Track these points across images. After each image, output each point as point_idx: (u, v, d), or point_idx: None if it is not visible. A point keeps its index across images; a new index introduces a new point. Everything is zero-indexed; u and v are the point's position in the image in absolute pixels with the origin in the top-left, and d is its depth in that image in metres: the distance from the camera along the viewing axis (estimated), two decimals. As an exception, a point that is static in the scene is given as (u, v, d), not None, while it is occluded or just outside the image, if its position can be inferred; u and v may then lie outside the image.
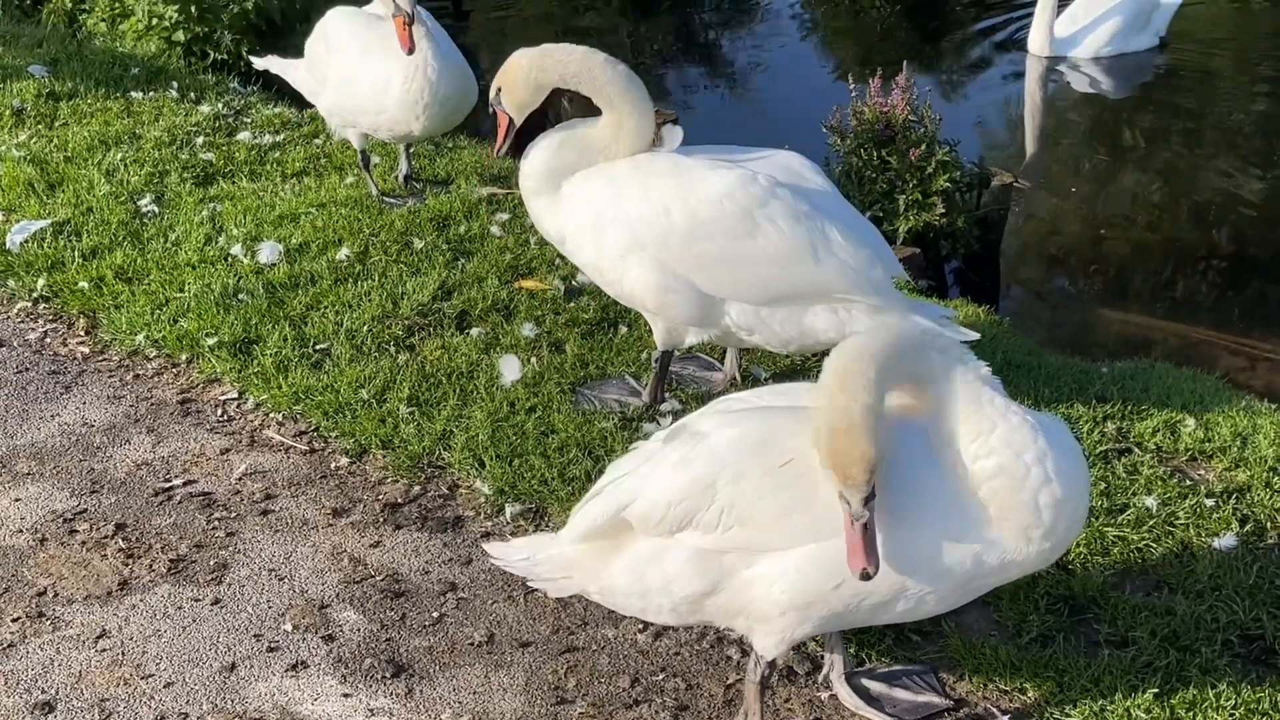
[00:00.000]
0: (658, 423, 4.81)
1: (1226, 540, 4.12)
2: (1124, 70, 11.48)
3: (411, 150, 6.94)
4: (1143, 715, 3.51)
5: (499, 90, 4.77)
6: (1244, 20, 13.18)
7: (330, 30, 6.41)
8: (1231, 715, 3.50)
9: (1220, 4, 13.52)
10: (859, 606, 3.19)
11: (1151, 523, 4.23)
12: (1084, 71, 11.45)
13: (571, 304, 5.62)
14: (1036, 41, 11.47)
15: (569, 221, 4.64)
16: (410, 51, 5.92)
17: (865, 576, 2.94)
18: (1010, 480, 3.06)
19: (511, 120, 4.84)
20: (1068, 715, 3.56)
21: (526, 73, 4.67)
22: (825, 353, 3.13)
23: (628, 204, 4.47)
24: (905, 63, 7.81)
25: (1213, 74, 11.63)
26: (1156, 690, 3.57)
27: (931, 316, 4.46)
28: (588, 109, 4.83)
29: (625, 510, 3.29)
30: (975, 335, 4.38)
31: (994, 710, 3.61)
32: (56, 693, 3.72)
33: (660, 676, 3.75)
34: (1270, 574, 3.99)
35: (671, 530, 3.23)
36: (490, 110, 4.87)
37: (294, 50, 6.98)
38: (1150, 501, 4.31)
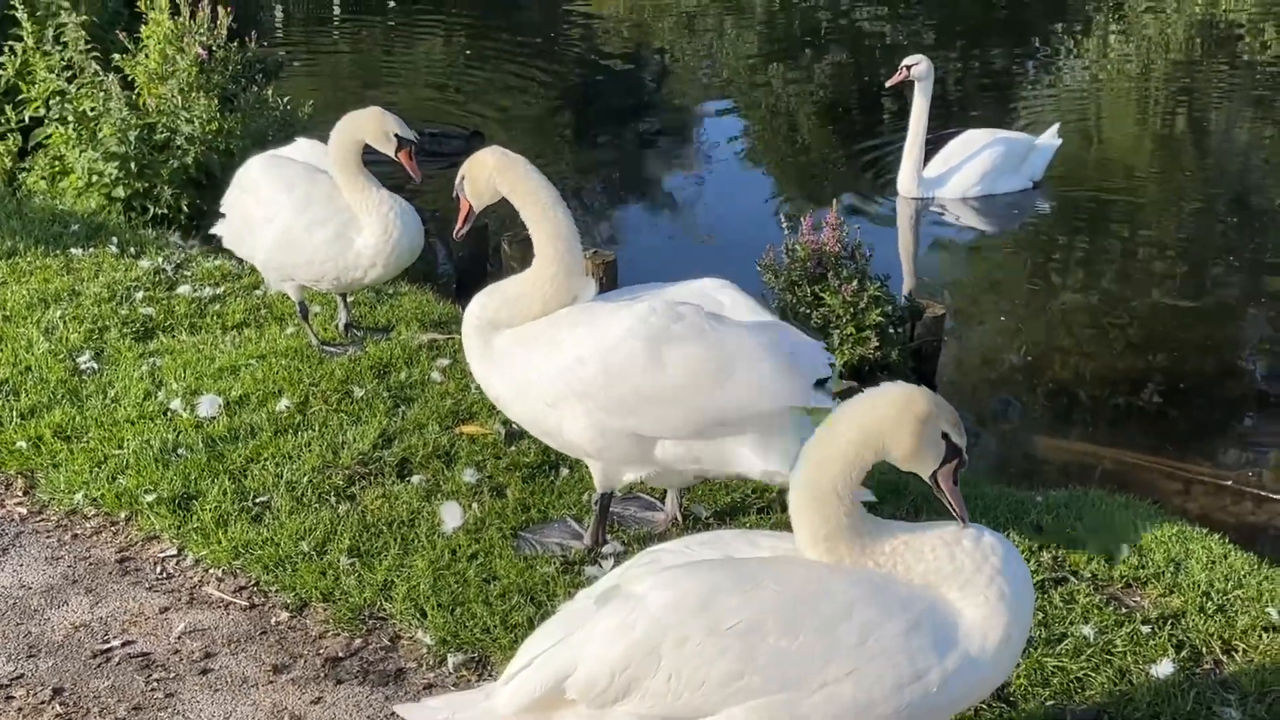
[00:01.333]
0: (600, 565, 4.83)
1: (1163, 667, 4.18)
2: (994, 209, 11.82)
3: (350, 299, 7.01)
4: None
5: (463, 178, 4.96)
6: (1121, 163, 13.64)
7: (258, 184, 6.48)
8: (1174, 844, 3.53)
9: (1100, 147, 14.02)
10: None
11: (1089, 651, 4.28)
12: (952, 211, 11.77)
13: (512, 448, 5.66)
14: (904, 183, 11.78)
15: (501, 380, 4.74)
16: (419, 179, 6.39)
17: None
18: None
19: (471, 208, 5.03)
20: None
21: (489, 172, 4.86)
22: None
23: (548, 360, 4.59)
24: (834, 201, 8.03)
25: (1087, 211, 12.02)
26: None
27: None
28: (525, 253, 4.97)
29: (565, 681, 3.16)
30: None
31: None
32: None
33: (606, 826, 3.72)
34: (1207, 700, 4.04)
35: (615, 699, 3.14)
36: (454, 195, 5.05)
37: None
38: (1087, 630, 4.37)
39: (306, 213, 6.31)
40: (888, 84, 12.11)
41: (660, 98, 17.04)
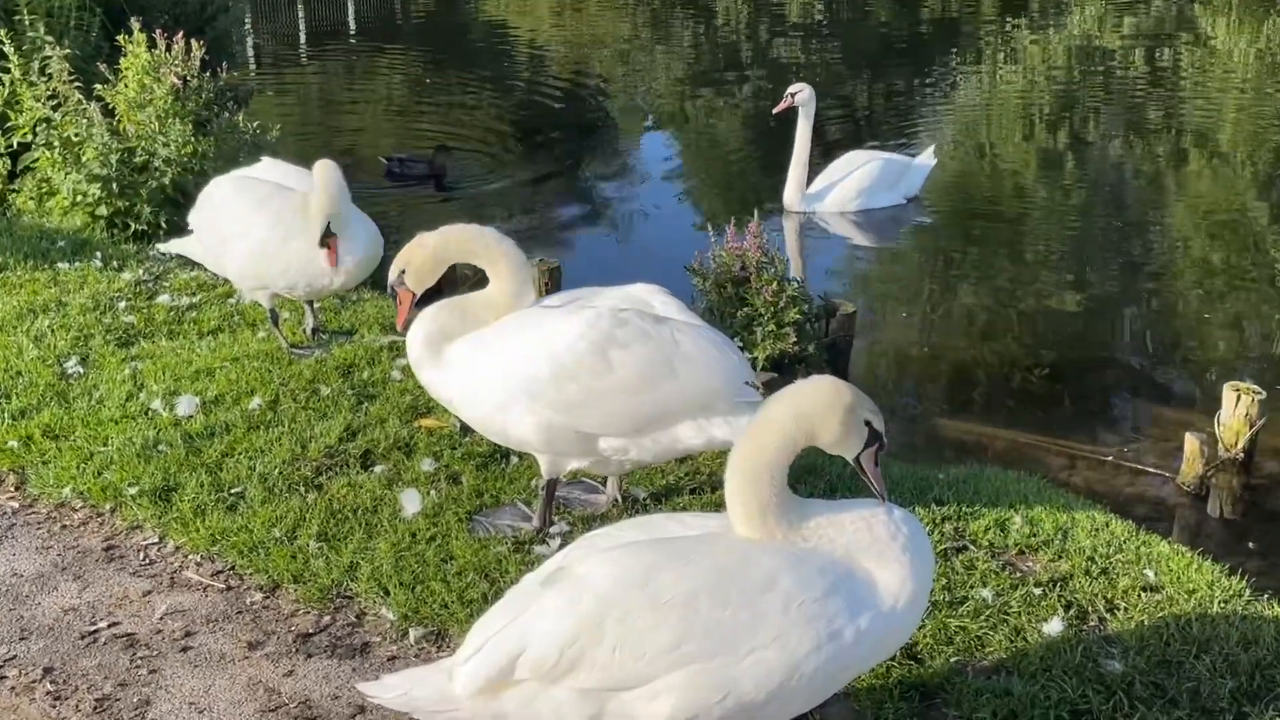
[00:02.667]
0: (547, 544, 4.78)
1: (1054, 625, 4.19)
2: (871, 222, 11.89)
3: (317, 305, 6.92)
4: (988, 790, 3.53)
5: (401, 271, 4.76)
6: (1003, 178, 13.79)
7: (228, 204, 6.37)
8: (1066, 784, 3.54)
9: (982, 164, 14.15)
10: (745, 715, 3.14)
11: (988, 612, 4.29)
12: (833, 224, 11.82)
13: (467, 439, 5.60)
14: (789, 198, 11.80)
15: (453, 385, 4.67)
16: (334, 266, 6.21)
17: None
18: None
19: (413, 295, 4.82)
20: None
21: (431, 252, 4.71)
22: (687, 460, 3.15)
23: (498, 364, 4.53)
24: (755, 211, 8.02)
25: (963, 223, 12.14)
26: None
27: None
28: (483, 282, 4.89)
29: (517, 660, 3.12)
30: None
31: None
32: (-15, 835, 3.56)
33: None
34: (1093, 654, 4.06)
35: (563, 674, 3.09)
36: (390, 290, 4.84)
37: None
38: (986, 593, 4.38)
39: (279, 226, 6.23)
40: (774, 110, 12.09)
41: (598, 119, 17.00)
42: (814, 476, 5.24)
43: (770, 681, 3.08)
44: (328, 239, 6.12)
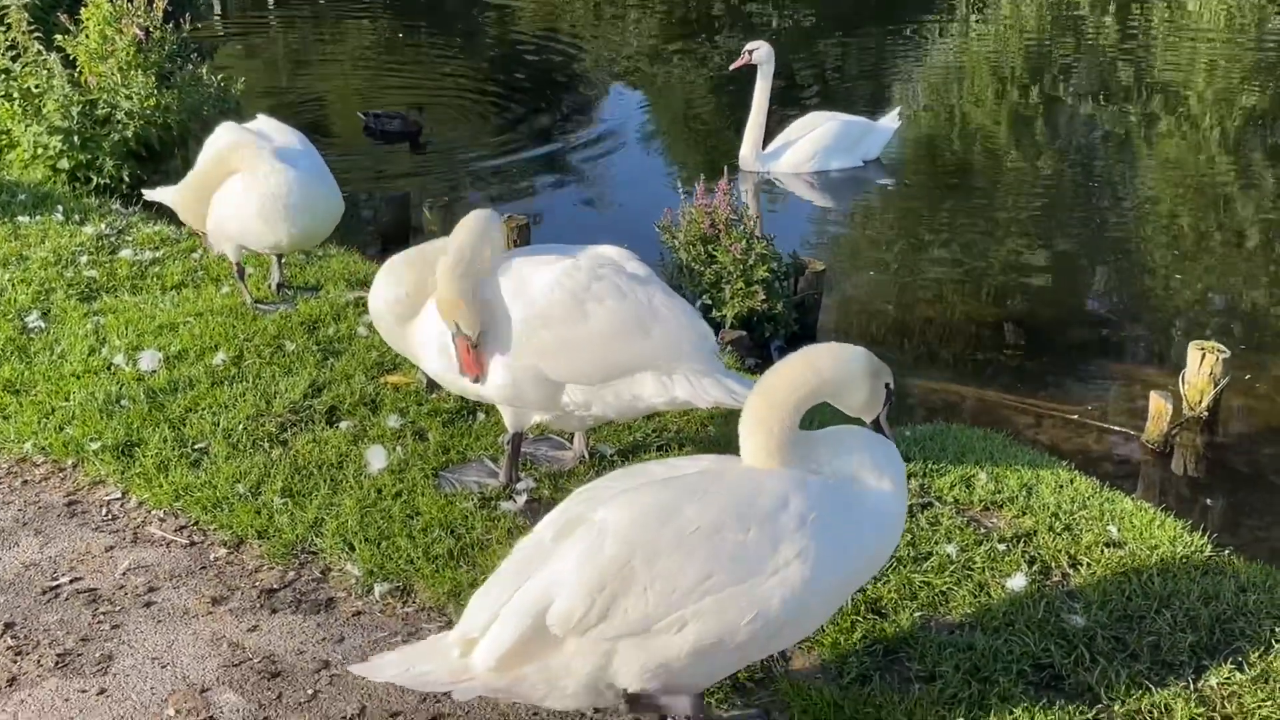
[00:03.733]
0: (514, 500, 4.77)
1: (1017, 580, 4.21)
2: (827, 184, 11.85)
3: (283, 260, 6.85)
4: (951, 742, 3.55)
5: (455, 324, 4.43)
6: (974, 139, 13.78)
7: (204, 155, 6.29)
8: (1027, 737, 3.57)
9: (940, 128, 14.14)
10: (770, 636, 3.21)
11: (952, 568, 4.31)
12: (788, 185, 11.77)
13: (433, 395, 5.57)
14: (745, 158, 11.72)
15: (416, 337, 4.63)
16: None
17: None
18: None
19: (470, 340, 4.45)
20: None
21: (461, 287, 4.39)
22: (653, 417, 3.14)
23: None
24: (726, 168, 7.98)
25: (921, 185, 12.12)
26: (962, 719, 3.63)
27: (746, 386, 4.52)
28: (444, 218, 4.84)
29: (544, 616, 3.07)
30: None
31: (821, 746, 3.62)
32: (-55, 790, 3.53)
33: (520, 735, 3.69)
34: (1056, 609, 4.08)
35: (596, 622, 3.06)
36: (453, 339, 4.48)
37: (175, 175, 6.87)
38: (950, 549, 4.39)
39: (251, 177, 6.14)
40: (731, 68, 11.97)
41: (569, 77, 16.86)
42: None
43: (795, 595, 3.14)
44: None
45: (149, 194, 6.78)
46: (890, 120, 12.21)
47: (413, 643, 3.41)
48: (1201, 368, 6.95)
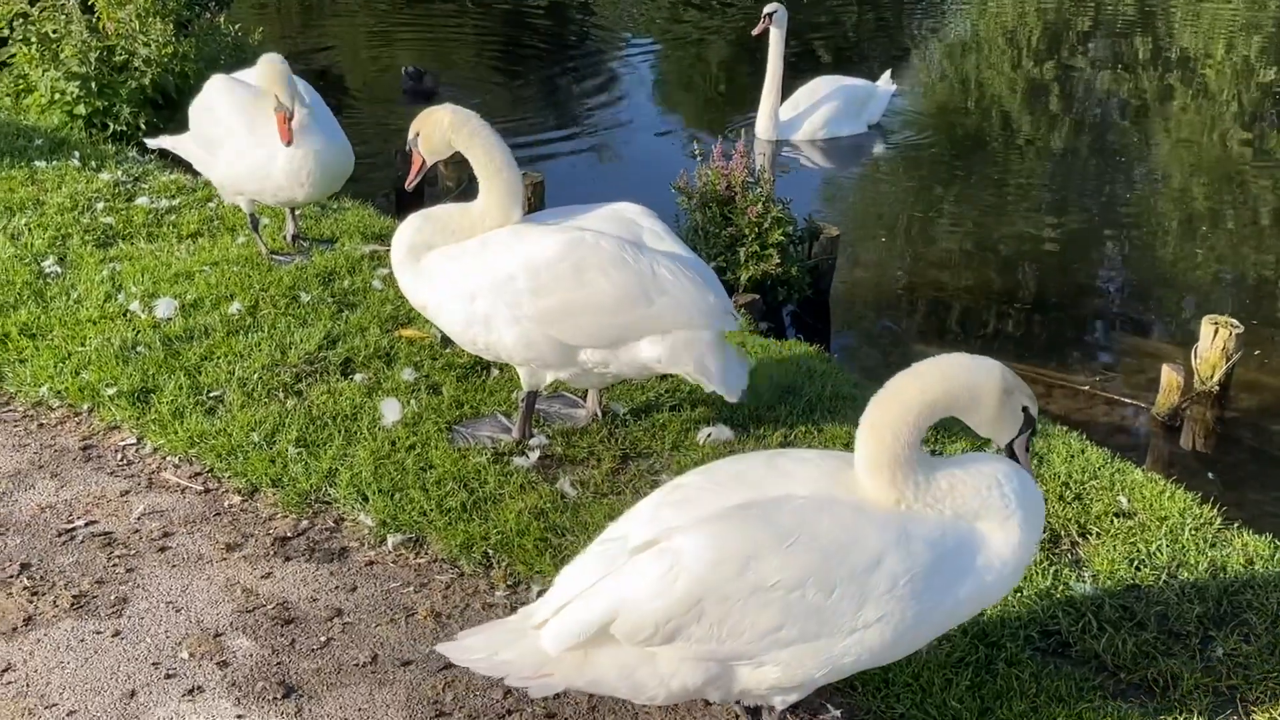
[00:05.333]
0: (526, 456, 4.78)
1: (1026, 547, 4.22)
2: (839, 150, 11.81)
3: (298, 213, 6.84)
4: (957, 705, 3.57)
5: (417, 134, 4.78)
6: (972, 110, 13.69)
7: (215, 105, 6.27)
8: (1033, 703, 3.58)
9: (953, 95, 14.04)
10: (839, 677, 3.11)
11: (962, 534, 4.31)
12: (804, 152, 11.71)
13: (448, 350, 5.57)
14: (762, 126, 11.61)
15: (430, 293, 4.68)
16: (289, 143, 6.01)
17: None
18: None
19: (424, 161, 4.84)
20: (893, 709, 3.61)
21: (445, 128, 4.69)
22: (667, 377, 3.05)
23: (479, 275, 4.54)
24: (743, 130, 7.95)
25: (929, 151, 12.03)
26: (969, 683, 3.64)
27: (731, 380, 4.66)
28: (461, 174, 4.87)
29: (612, 625, 2.98)
30: (738, 399, 4.75)
31: (827, 705, 3.64)
32: (-38, 726, 3.56)
33: (530, 687, 3.71)
34: (1063, 577, 4.10)
35: (660, 644, 2.98)
36: (405, 149, 4.87)
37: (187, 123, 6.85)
38: (961, 515, 4.39)
39: (255, 134, 6.14)
40: (754, 32, 11.86)
41: (585, 36, 16.76)
42: (794, 397, 5.24)
43: (871, 654, 3.02)
44: (278, 112, 5.97)
45: (153, 142, 6.77)
46: (885, 83, 12.14)
47: (499, 621, 3.27)
48: (1214, 342, 6.94)
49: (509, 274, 4.50)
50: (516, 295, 4.50)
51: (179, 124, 7.55)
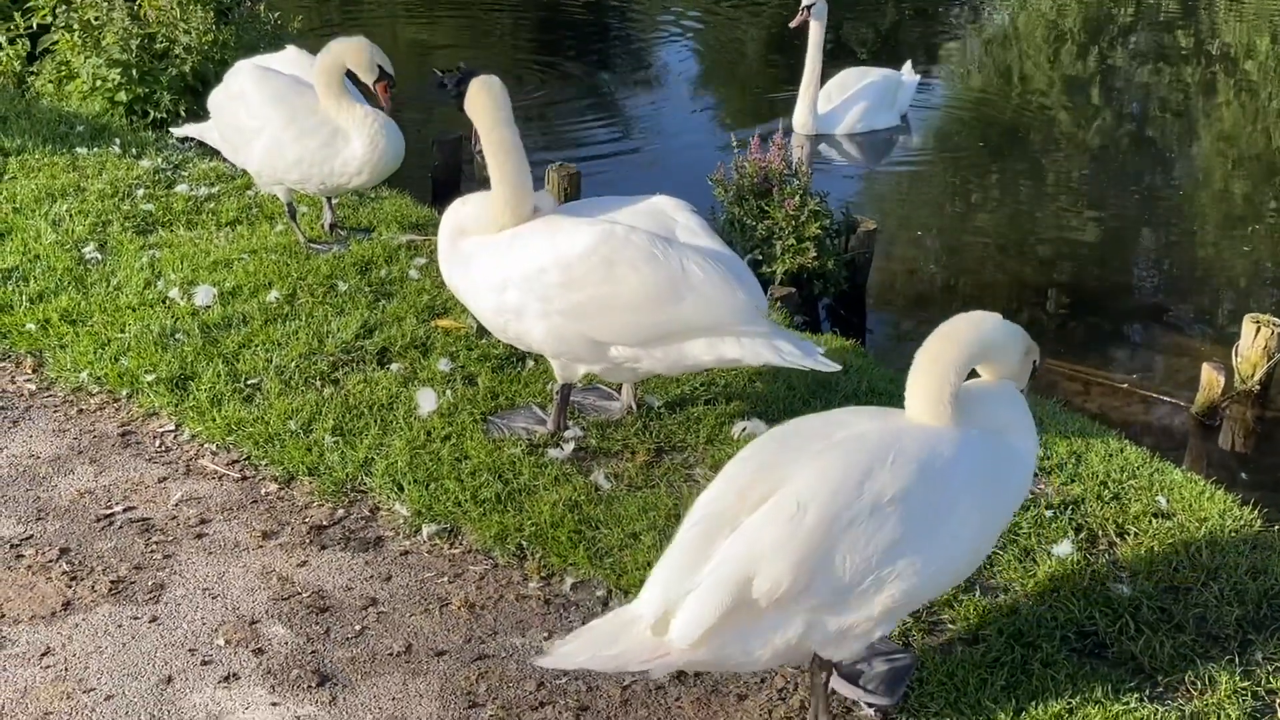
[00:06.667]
0: (561, 448, 4.78)
1: (1063, 547, 4.19)
2: (876, 143, 11.73)
3: (335, 201, 6.86)
4: (991, 705, 3.55)
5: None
6: (984, 102, 13.57)
7: (248, 95, 6.26)
8: (1069, 704, 3.55)
9: (982, 90, 13.93)
10: (948, 585, 3.47)
11: (998, 532, 4.28)
12: (842, 146, 11.62)
13: (483, 341, 5.58)
14: (800, 120, 11.49)
15: (463, 280, 4.70)
16: (390, 112, 6.24)
17: None
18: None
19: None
20: (926, 707, 3.59)
21: (484, 92, 4.74)
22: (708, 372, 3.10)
23: (511, 268, 4.54)
24: (780, 121, 7.92)
25: (962, 147, 11.93)
26: (1004, 683, 3.62)
27: (799, 347, 4.51)
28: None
29: (751, 588, 3.04)
30: (837, 366, 4.56)
31: (861, 703, 3.62)
32: (2, 708, 3.59)
33: (563, 680, 3.71)
34: (1101, 577, 4.06)
35: (799, 593, 3.07)
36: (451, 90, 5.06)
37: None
38: (997, 513, 4.36)
39: (294, 124, 6.16)
40: (791, 25, 11.76)
41: (623, 28, 16.73)
42: (828, 391, 5.22)
43: (974, 545, 3.32)
44: (380, 81, 6.16)
45: (179, 130, 6.82)
46: (909, 74, 12.06)
47: (589, 625, 3.24)
48: (1256, 341, 6.86)
49: (540, 266, 4.49)
50: (546, 289, 4.48)
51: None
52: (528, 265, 4.51)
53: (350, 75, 6.20)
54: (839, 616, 3.17)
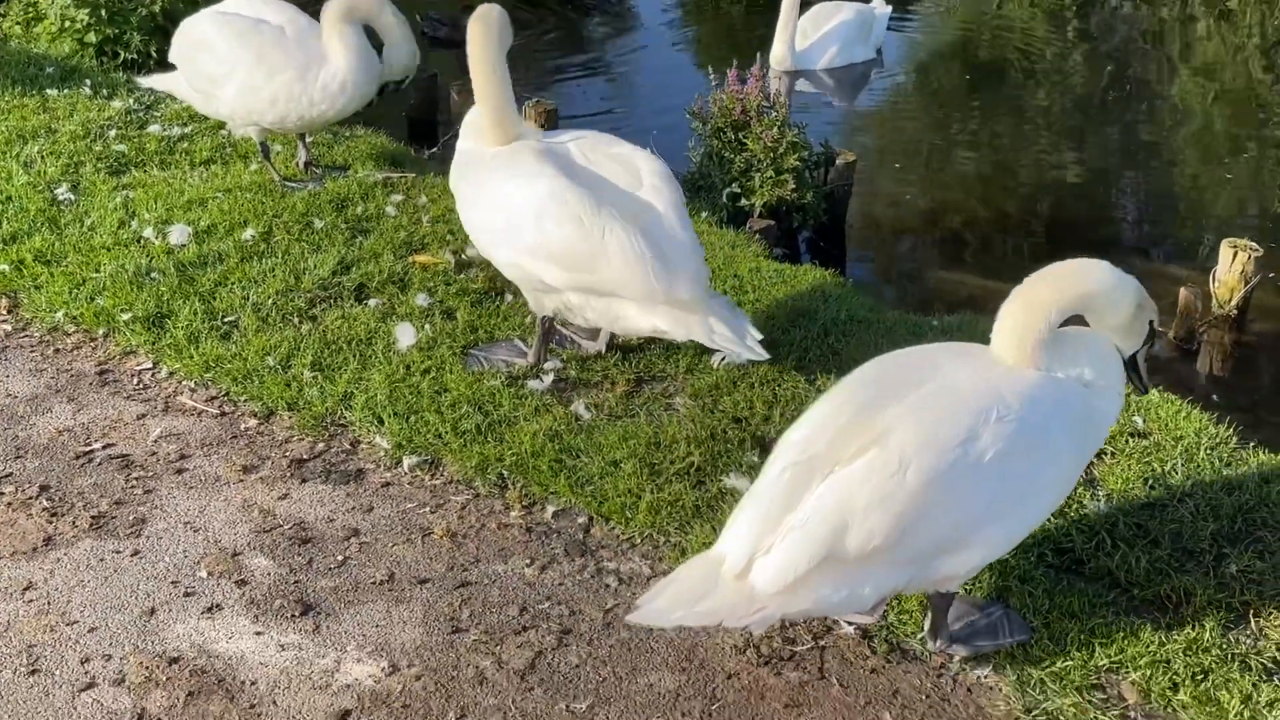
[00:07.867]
0: (541, 379, 4.79)
1: (1041, 467, 4.21)
2: (852, 77, 11.62)
3: (310, 139, 6.80)
4: (970, 621, 3.59)
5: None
6: (963, 36, 13.49)
7: (213, 43, 6.18)
8: (1045, 618, 3.60)
9: (963, 22, 13.84)
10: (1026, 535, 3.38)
11: (977, 454, 4.31)
12: (820, 81, 11.51)
13: (461, 275, 5.56)
14: (778, 57, 11.32)
15: (452, 182, 4.90)
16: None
17: None
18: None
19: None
20: (904, 625, 3.63)
21: (480, 21, 4.82)
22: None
23: (482, 198, 4.68)
24: (759, 54, 7.86)
25: (943, 78, 11.84)
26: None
27: (733, 330, 4.51)
28: (470, 103, 4.93)
29: (841, 542, 3.00)
30: (766, 356, 4.57)
31: (843, 622, 3.66)
32: (-14, 642, 3.61)
33: (546, 605, 3.74)
34: (1077, 496, 4.10)
35: (891, 546, 3.03)
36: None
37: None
38: (975, 436, 4.38)
39: (264, 63, 6.09)
40: None
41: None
42: (809, 320, 5.23)
43: (1055, 501, 3.36)
44: None
45: (145, 81, 6.74)
46: (880, 4, 11.95)
47: (672, 575, 3.14)
48: (1233, 265, 6.87)
49: (496, 205, 4.62)
50: (502, 226, 4.60)
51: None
52: (494, 193, 4.64)
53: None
54: (930, 568, 3.16)
